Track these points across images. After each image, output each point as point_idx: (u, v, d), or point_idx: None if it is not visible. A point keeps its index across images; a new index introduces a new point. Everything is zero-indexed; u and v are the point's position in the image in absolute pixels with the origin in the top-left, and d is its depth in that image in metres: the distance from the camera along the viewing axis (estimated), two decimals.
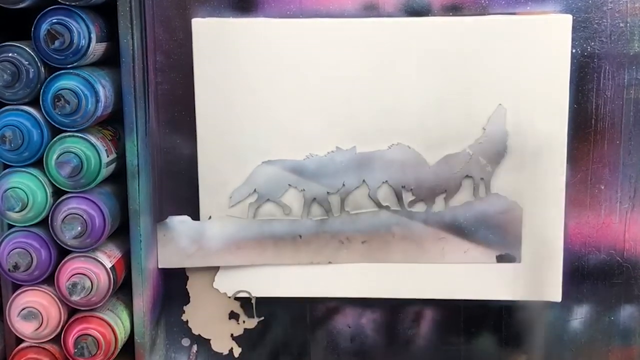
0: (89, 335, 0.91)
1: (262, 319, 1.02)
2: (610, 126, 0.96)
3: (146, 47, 0.95)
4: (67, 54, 0.86)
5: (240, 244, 0.99)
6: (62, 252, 0.92)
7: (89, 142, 0.89)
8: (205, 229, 0.98)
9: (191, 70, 0.96)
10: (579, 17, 0.93)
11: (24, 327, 0.91)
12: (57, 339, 0.93)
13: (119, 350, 0.95)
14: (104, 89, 0.89)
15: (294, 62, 0.95)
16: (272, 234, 0.98)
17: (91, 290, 0.90)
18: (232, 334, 1.03)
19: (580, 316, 1.00)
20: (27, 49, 0.87)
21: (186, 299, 1.02)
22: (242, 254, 0.99)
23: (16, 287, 0.92)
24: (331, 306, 1.02)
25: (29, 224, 0.90)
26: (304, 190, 0.98)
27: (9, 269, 0.89)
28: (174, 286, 1.02)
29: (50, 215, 0.90)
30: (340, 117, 0.96)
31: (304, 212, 0.98)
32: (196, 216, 0.99)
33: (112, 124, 0.95)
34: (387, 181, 0.97)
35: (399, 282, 0.99)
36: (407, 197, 0.97)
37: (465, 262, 0.98)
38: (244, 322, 1.02)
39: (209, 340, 1.03)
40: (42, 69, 0.87)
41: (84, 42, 0.87)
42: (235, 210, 0.98)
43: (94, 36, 0.87)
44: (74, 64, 0.87)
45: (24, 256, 0.89)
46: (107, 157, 0.90)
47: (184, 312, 1.02)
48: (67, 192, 0.90)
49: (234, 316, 1.02)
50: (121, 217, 0.95)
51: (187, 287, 1.02)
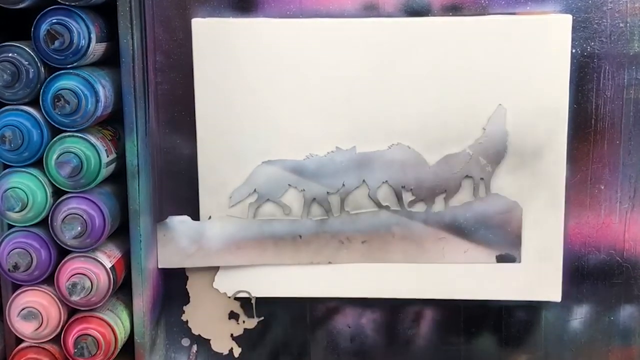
0: (89, 335, 0.91)
1: (262, 319, 1.02)
2: (610, 126, 0.96)
3: (146, 47, 0.95)
4: (67, 54, 0.86)
5: (240, 244, 0.99)
6: (62, 252, 0.91)
7: (89, 142, 0.89)
8: (205, 229, 0.98)
9: (191, 70, 0.96)
10: (579, 17, 0.93)
11: (24, 327, 0.91)
12: (57, 339, 0.93)
13: (119, 350, 0.95)
14: (104, 89, 0.89)
15: (294, 62, 0.95)
16: (272, 234, 0.98)
17: (91, 290, 0.90)
18: (232, 334, 1.03)
19: (580, 316, 1.00)
20: (27, 49, 0.87)
21: (186, 299, 1.02)
22: (242, 254, 0.99)
23: (16, 287, 0.92)
24: (331, 306, 1.02)
25: (29, 224, 0.90)
26: (304, 190, 0.98)
27: (9, 269, 0.89)
28: (174, 286, 1.02)
29: (50, 215, 0.90)
30: (340, 117, 0.96)
31: (304, 212, 0.98)
32: (196, 216, 0.99)
33: (112, 124, 0.95)
34: (387, 181, 0.97)
35: (399, 282, 0.99)
36: (407, 197, 0.97)
37: (465, 262, 0.98)
38: (244, 322, 1.02)
39: (209, 340, 1.03)
40: (42, 69, 0.87)
41: (84, 42, 0.87)
42: (235, 210, 0.98)
43: (94, 36, 0.87)
44: (74, 64, 0.87)
45: (24, 256, 0.89)
46: (107, 157, 0.90)
47: (184, 312, 1.02)
48: (67, 192, 0.90)
49: (234, 316, 1.02)
50: (121, 217, 0.95)
51: (187, 287, 1.02)
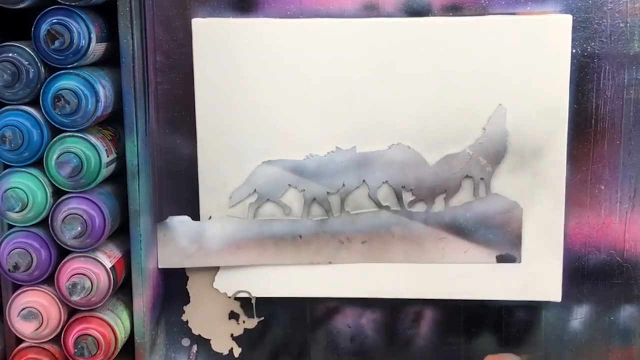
0: (89, 335, 0.91)
1: (262, 319, 1.02)
2: (610, 126, 0.96)
3: (146, 47, 0.95)
4: (67, 54, 0.86)
5: (240, 244, 0.99)
6: (62, 252, 0.91)
7: (89, 142, 0.89)
8: (205, 229, 0.98)
9: (191, 70, 0.96)
10: (579, 17, 0.93)
11: (24, 327, 0.91)
12: (57, 339, 0.93)
13: (119, 350, 0.95)
14: (104, 89, 0.89)
15: (294, 62, 0.95)
16: (272, 234, 0.98)
17: (91, 290, 0.90)
18: (232, 334, 1.03)
19: (580, 316, 1.00)
20: (27, 49, 0.87)
21: (186, 299, 1.02)
22: (242, 254, 0.99)
23: (16, 287, 0.92)
24: (331, 306, 1.02)
25: (29, 224, 0.90)
26: (304, 190, 0.98)
27: (9, 269, 0.89)
28: (174, 286, 1.02)
29: (50, 215, 0.90)
30: (340, 117, 0.96)
31: (304, 212, 0.98)
32: (196, 216, 0.99)
33: (112, 124, 0.95)
34: (387, 181, 0.97)
35: (399, 282, 0.99)
36: (407, 197, 0.97)
37: (465, 262, 0.98)
38: (244, 322, 1.02)
39: (209, 340, 1.03)
40: (42, 69, 0.87)
41: (84, 42, 0.87)
42: (235, 210, 0.98)
43: (94, 36, 0.87)
44: (74, 64, 0.87)
45: (24, 256, 0.89)
46: (107, 157, 0.90)
47: (184, 312, 1.02)
48: (67, 192, 0.90)
49: (234, 316, 1.02)
50: (121, 217, 0.95)
51: (187, 287, 1.02)
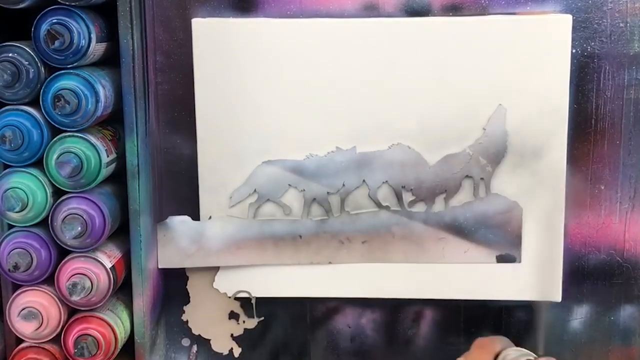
0: (89, 335, 0.91)
1: (262, 319, 1.02)
2: (610, 126, 0.96)
3: (146, 47, 0.95)
4: (67, 54, 0.86)
5: (240, 244, 0.99)
6: (62, 252, 0.91)
7: (89, 142, 0.89)
8: (205, 229, 0.98)
9: (191, 70, 0.96)
10: (579, 17, 0.93)
11: (24, 327, 0.91)
12: (57, 339, 0.93)
13: (119, 350, 0.95)
14: (104, 89, 0.89)
15: (294, 62, 0.95)
16: (272, 234, 0.98)
17: (91, 290, 0.90)
18: (232, 334, 1.03)
19: (580, 316, 1.00)
20: (27, 49, 0.87)
21: (186, 299, 1.02)
22: (242, 254, 0.99)
23: (16, 287, 0.92)
24: (331, 306, 1.02)
25: (29, 224, 0.90)
26: (304, 190, 0.98)
27: (9, 269, 0.89)
28: (174, 286, 1.02)
29: (50, 215, 0.90)
30: (340, 117, 0.96)
31: (304, 212, 0.98)
32: (196, 216, 0.99)
33: (112, 124, 0.95)
34: (387, 181, 0.97)
35: (399, 282, 0.99)
36: (407, 197, 0.97)
37: (465, 262, 0.98)
38: (244, 322, 1.02)
39: (209, 340, 1.03)
40: (42, 69, 0.87)
41: (84, 42, 0.87)
42: (235, 210, 0.98)
43: (94, 36, 0.87)
44: (74, 64, 0.87)
45: (24, 256, 0.89)
46: (107, 157, 0.90)
47: (184, 312, 1.02)
48: (67, 192, 0.90)
49: (234, 316, 1.02)
50: (121, 217, 0.95)
51: (187, 287, 1.02)
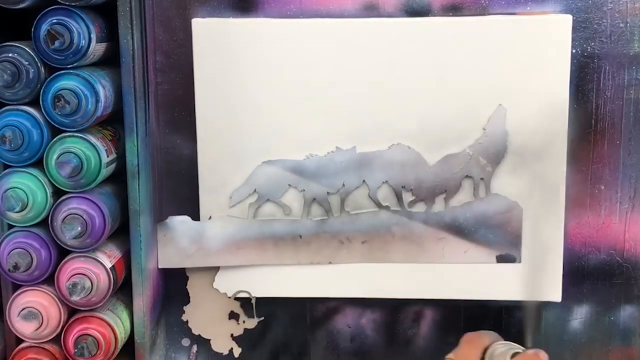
0: (89, 335, 0.91)
1: (262, 319, 1.02)
2: (610, 126, 0.96)
3: (146, 47, 0.95)
4: (67, 54, 0.86)
5: (240, 244, 0.99)
6: (62, 252, 0.91)
7: (89, 142, 0.89)
8: (205, 229, 0.98)
9: (191, 70, 0.96)
10: (579, 17, 0.93)
11: (24, 327, 0.90)
12: (57, 339, 0.93)
13: (119, 350, 0.95)
14: (104, 89, 0.89)
15: (294, 62, 0.95)
16: (272, 234, 0.98)
17: (91, 290, 0.90)
18: (232, 334, 1.03)
19: (580, 316, 1.00)
20: (27, 49, 0.87)
21: (186, 299, 1.02)
22: (242, 254, 0.99)
23: (16, 287, 0.92)
24: (331, 306, 1.02)
25: (29, 224, 0.90)
26: (304, 190, 0.98)
27: (9, 269, 0.89)
28: (174, 286, 1.02)
29: (50, 215, 0.90)
30: (340, 117, 0.96)
31: (304, 212, 0.98)
32: (196, 216, 0.99)
33: (112, 124, 0.95)
34: (387, 181, 0.97)
35: (399, 282, 0.99)
36: (407, 197, 0.97)
37: (465, 262, 0.98)
38: (244, 322, 1.02)
39: (209, 340, 1.03)
40: (42, 69, 0.87)
41: (84, 42, 0.87)
42: (235, 210, 0.98)
43: (94, 36, 0.87)
44: (74, 64, 0.87)
45: (24, 256, 0.89)
46: (107, 157, 0.90)
47: (184, 312, 1.02)
48: (67, 192, 0.90)
49: (234, 316, 1.02)
50: (121, 217, 0.95)
51: (187, 287, 1.02)
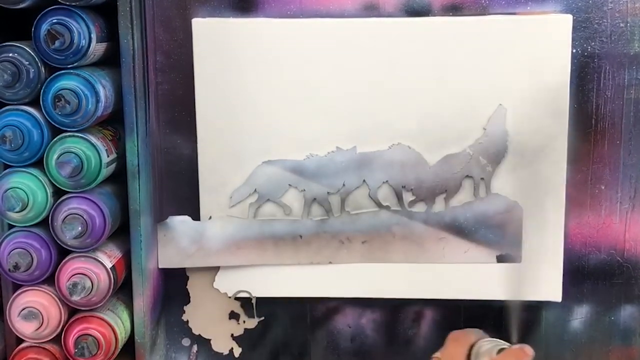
0: (90, 335, 0.91)
1: (263, 319, 1.02)
2: (610, 126, 0.96)
3: (146, 47, 0.95)
4: (68, 54, 0.86)
5: (240, 244, 0.99)
6: (63, 252, 0.91)
7: (89, 142, 0.89)
8: (205, 229, 0.98)
9: (191, 70, 0.96)
10: (579, 17, 0.93)
11: (25, 327, 0.91)
12: (57, 339, 0.93)
13: (119, 350, 0.95)
14: (104, 89, 0.89)
15: (294, 62, 0.95)
16: (272, 234, 0.98)
17: (91, 290, 0.90)
18: (232, 334, 1.03)
19: (580, 316, 1.00)
20: (27, 49, 0.87)
21: (186, 299, 1.02)
22: (243, 254, 0.99)
23: (16, 287, 0.92)
24: (331, 306, 1.02)
25: (29, 224, 0.90)
26: (304, 190, 0.98)
27: (10, 269, 0.89)
28: (174, 286, 1.02)
29: (50, 215, 0.90)
30: (340, 117, 0.96)
31: (304, 212, 0.98)
32: (196, 216, 0.99)
33: (113, 124, 0.95)
34: (387, 181, 0.97)
35: (399, 282, 0.99)
36: (408, 197, 0.97)
37: (465, 262, 0.98)
38: (244, 322, 1.02)
39: (209, 340, 1.03)
40: (43, 69, 0.87)
41: (84, 42, 0.87)
42: (235, 210, 0.98)
43: (94, 36, 0.87)
44: (74, 64, 0.87)
45: (24, 256, 0.89)
46: (108, 157, 0.90)
47: (184, 312, 1.02)
48: (68, 192, 0.90)
49: (234, 316, 1.02)
50: (121, 217, 0.95)
51: (187, 287, 1.02)
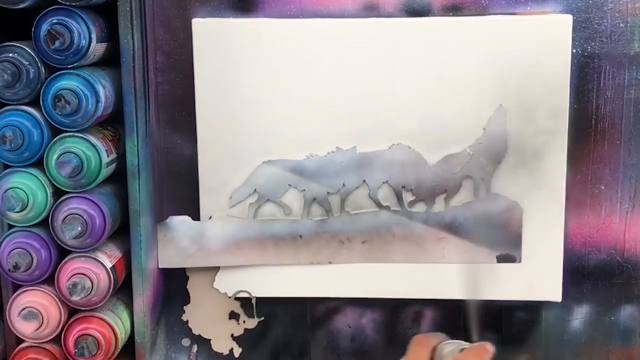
0: (89, 335, 0.91)
1: (263, 319, 1.02)
2: (610, 126, 0.96)
3: (146, 47, 0.95)
4: (68, 54, 0.86)
5: (240, 244, 0.99)
6: (62, 252, 0.91)
7: (89, 142, 0.89)
8: (205, 229, 0.98)
9: (191, 70, 0.96)
10: (579, 17, 0.93)
11: (24, 327, 0.91)
12: (57, 339, 0.93)
13: (119, 350, 0.95)
14: (104, 89, 0.89)
15: (294, 62, 0.95)
16: (272, 234, 0.98)
17: (91, 290, 0.90)
18: (232, 334, 1.03)
19: (580, 316, 1.00)
20: (27, 49, 0.87)
21: (186, 299, 1.02)
22: (243, 254, 0.99)
23: (16, 287, 0.92)
24: (331, 306, 1.02)
25: (29, 224, 0.90)
26: (304, 190, 0.98)
27: (9, 269, 0.89)
28: (174, 286, 1.02)
29: (50, 215, 0.90)
30: (340, 117, 0.96)
31: (304, 212, 0.98)
32: (196, 216, 0.99)
33: (112, 124, 0.95)
34: (387, 181, 0.97)
35: (399, 282, 0.99)
36: (407, 197, 0.97)
37: (465, 262, 0.98)
38: (244, 322, 1.02)
39: (209, 340, 1.03)
40: (43, 69, 0.87)
41: (84, 42, 0.87)
42: (235, 210, 0.98)
43: (94, 36, 0.87)
44: (74, 64, 0.87)
45: (24, 256, 0.89)
46: (108, 157, 0.90)
47: (184, 312, 1.02)
48: (68, 192, 0.90)
49: (234, 316, 1.02)
50: (121, 217, 0.95)
51: (187, 287, 1.02)
